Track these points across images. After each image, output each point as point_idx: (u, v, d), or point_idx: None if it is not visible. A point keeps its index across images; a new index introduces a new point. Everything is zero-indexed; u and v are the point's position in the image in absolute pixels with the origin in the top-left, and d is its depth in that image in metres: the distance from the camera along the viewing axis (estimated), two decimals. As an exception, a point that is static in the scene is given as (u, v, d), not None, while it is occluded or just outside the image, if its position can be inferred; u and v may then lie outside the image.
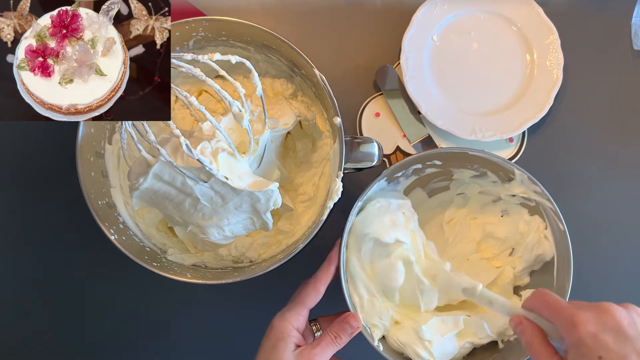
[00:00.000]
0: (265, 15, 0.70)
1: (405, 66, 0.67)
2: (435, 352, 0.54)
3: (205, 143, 0.48)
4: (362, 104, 0.70)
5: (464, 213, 0.64)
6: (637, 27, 0.71)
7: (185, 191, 0.50)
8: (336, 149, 0.56)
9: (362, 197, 0.55)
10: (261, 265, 0.57)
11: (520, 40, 0.70)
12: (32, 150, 0.68)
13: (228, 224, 0.53)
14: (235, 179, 0.49)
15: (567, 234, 0.55)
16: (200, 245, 0.58)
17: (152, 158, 0.47)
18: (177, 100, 0.63)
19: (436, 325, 0.56)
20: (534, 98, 0.68)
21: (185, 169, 0.47)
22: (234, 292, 0.66)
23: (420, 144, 0.69)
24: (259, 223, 0.55)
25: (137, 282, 0.65)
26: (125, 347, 0.67)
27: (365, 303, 0.56)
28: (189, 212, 0.52)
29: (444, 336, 0.55)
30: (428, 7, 0.69)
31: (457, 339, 0.56)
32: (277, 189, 0.51)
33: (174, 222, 0.55)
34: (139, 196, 0.51)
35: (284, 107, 0.59)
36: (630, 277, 0.68)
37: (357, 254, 0.56)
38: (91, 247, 0.64)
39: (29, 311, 0.67)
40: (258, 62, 0.61)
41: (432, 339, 0.55)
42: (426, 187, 0.63)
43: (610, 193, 0.69)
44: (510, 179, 0.58)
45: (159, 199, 0.51)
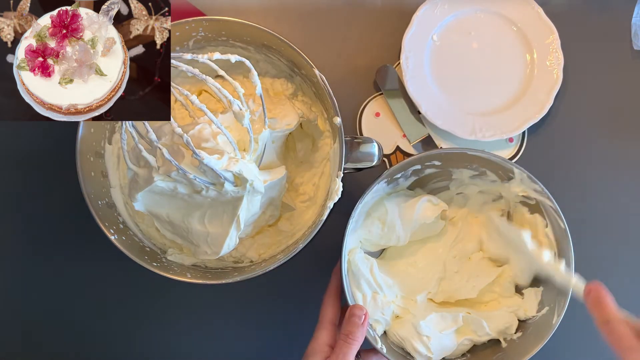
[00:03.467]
0: (265, 15, 0.70)
1: (406, 66, 0.67)
2: (433, 348, 0.55)
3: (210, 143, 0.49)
4: (362, 104, 0.70)
5: (465, 212, 0.64)
6: (637, 27, 0.71)
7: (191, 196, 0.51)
8: (336, 148, 0.56)
9: (362, 199, 0.55)
10: (261, 265, 0.57)
11: (520, 40, 0.70)
12: (32, 150, 0.68)
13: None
14: (255, 180, 0.50)
15: (567, 232, 0.55)
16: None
17: (149, 176, 0.48)
18: (176, 101, 0.63)
19: (435, 321, 0.57)
20: (534, 98, 0.68)
21: (189, 168, 0.47)
22: (234, 292, 0.66)
23: (420, 144, 0.69)
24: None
25: (137, 282, 0.65)
26: (125, 347, 0.67)
27: (369, 300, 0.56)
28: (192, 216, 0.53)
29: (443, 332, 0.56)
30: (428, 6, 0.69)
31: (456, 335, 0.57)
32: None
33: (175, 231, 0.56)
34: (141, 200, 0.51)
35: (287, 107, 0.59)
36: (630, 276, 0.68)
37: (359, 247, 0.57)
38: (91, 247, 0.64)
39: (29, 311, 0.67)
40: (258, 62, 0.61)
41: (430, 335, 0.55)
42: (425, 187, 0.63)
43: (611, 192, 0.69)
44: (510, 178, 0.58)
45: (164, 200, 0.52)
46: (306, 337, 0.64)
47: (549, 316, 0.55)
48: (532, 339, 0.55)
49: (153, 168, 0.48)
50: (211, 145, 0.49)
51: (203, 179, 0.48)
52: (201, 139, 0.49)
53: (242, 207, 0.51)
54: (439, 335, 0.56)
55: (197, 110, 0.48)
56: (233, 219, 0.51)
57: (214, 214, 0.52)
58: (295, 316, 0.67)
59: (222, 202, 0.51)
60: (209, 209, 0.52)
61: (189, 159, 0.48)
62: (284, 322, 0.67)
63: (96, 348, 0.67)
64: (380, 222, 0.59)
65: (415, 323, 0.56)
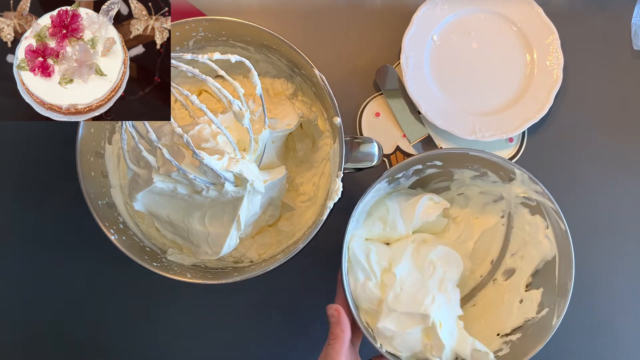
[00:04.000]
0: (265, 15, 0.70)
1: (405, 66, 0.67)
2: (397, 343, 0.55)
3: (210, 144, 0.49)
4: (362, 104, 0.69)
5: (467, 212, 0.64)
6: (637, 27, 0.71)
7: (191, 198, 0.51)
8: (336, 149, 0.56)
9: (363, 198, 0.55)
10: (261, 265, 0.57)
11: (520, 40, 0.70)
12: (32, 150, 0.68)
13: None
14: (255, 180, 0.50)
15: (568, 233, 0.55)
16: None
17: (148, 177, 0.48)
18: (176, 101, 0.63)
19: (401, 319, 0.56)
20: (534, 98, 0.68)
21: (190, 168, 0.47)
22: (234, 292, 0.66)
23: (420, 144, 0.69)
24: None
25: (137, 282, 0.65)
26: (125, 347, 0.67)
27: (359, 287, 0.56)
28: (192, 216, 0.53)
29: (406, 331, 0.55)
30: (428, 6, 0.69)
31: (422, 335, 0.56)
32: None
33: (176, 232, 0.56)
34: (141, 200, 0.51)
35: (287, 107, 0.59)
36: (631, 276, 0.68)
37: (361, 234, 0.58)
38: (91, 247, 0.64)
39: (29, 311, 0.67)
40: (258, 62, 0.61)
41: (394, 332, 0.55)
42: (427, 187, 0.63)
43: (611, 192, 0.69)
44: (511, 178, 0.58)
45: (164, 200, 0.52)
46: (306, 337, 0.64)
47: (549, 317, 0.55)
48: (532, 340, 0.55)
49: (153, 168, 0.48)
50: (211, 146, 0.49)
51: (203, 179, 0.48)
52: (201, 139, 0.49)
53: (243, 207, 0.51)
54: (402, 333, 0.55)
55: (197, 110, 0.48)
56: (233, 219, 0.51)
57: (214, 214, 0.52)
58: (295, 316, 0.67)
59: (222, 202, 0.51)
60: (209, 209, 0.52)
61: (189, 159, 0.48)
62: (284, 322, 0.67)
63: (96, 348, 0.67)
64: (382, 221, 0.59)
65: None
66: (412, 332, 0.55)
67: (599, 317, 0.67)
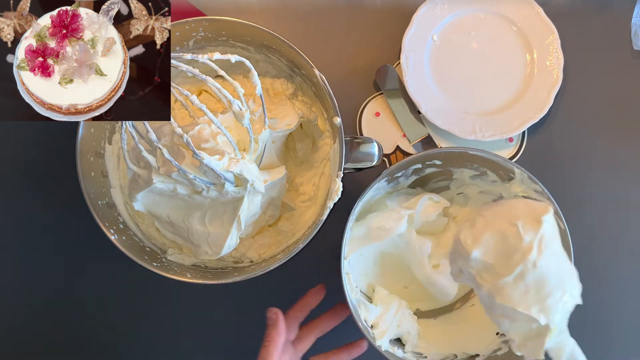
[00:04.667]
0: (265, 15, 0.70)
1: (406, 66, 0.67)
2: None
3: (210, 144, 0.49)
4: (362, 104, 0.70)
5: (468, 212, 0.64)
6: (637, 27, 0.71)
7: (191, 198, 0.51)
8: (336, 148, 0.56)
9: (363, 197, 0.55)
10: (261, 265, 0.57)
11: (520, 40, 0.70)
12: (32, 150, 0.68)
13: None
14: (255, 180, 0.50)
15: (567, 232, 0.55)
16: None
17: (148, 177, 0.48)
18: (176, 101, 0.63)
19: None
20: (534, 98, 0.68)
21: (190, 169, 0.47)
22: (234, 292, 0.66)
23: (420, 144, 0.69)
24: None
25: (137, 282, 0.65)
26: (125, 347, 0.67)
27: (351, 279, 0.57)
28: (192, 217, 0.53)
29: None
30: (428, 6, 0.69)
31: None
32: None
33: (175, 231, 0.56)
34: (141, 200, 0.51)
35: (287, 107, 0.59)
36: (630, 276, 0.68)
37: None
38: (91, 247, 0.64)
39: (29, 311, 0.67)
40: (258, 62, 0.61)
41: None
42: (426, 186, 0.63)
43: (610, 192, 0.69)
44: (511, 178, 0.58)
45: (164, 201, 0.52)
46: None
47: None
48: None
49: (153, 168, 0.48)
50: (211, 146, 0.49)
51: (203, 180, 0.48)
52: (201, 139, 0.49)
53: (243, 207, 0.51)
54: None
55: (197, 110, 0.48)
56: (234, 219, 0.51)
57: (214, 214, 0.52)
58: (295, 316, 0.67)
59: (222, 202, 0.51)
60: (209, 209, 0.52)
61: (189, 159, 0.48)
62: (284, 322, 0.67)
63: (96, 348, 0.67)
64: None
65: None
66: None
67: (599, 317, 0.67)
